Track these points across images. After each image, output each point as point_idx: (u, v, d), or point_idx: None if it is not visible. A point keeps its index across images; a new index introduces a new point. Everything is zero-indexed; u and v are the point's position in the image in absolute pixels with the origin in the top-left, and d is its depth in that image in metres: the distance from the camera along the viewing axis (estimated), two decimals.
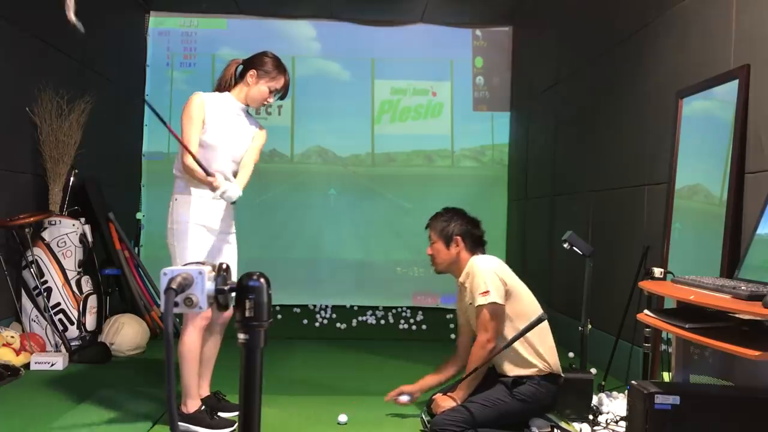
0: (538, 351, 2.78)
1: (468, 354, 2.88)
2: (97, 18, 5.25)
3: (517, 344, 2.75)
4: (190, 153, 2.79)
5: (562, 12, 5.25)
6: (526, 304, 2.86)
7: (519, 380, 2.76)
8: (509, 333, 2.78)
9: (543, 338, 2.81)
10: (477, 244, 2.98)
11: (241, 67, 3.09)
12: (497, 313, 2.74)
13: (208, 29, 6.47)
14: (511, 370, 2.80)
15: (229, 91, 3.06)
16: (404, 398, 3.03)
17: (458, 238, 2.93)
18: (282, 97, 3.15)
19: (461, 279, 2.94)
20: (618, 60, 4.14)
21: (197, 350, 2.91)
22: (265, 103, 3.08)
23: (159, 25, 6.44)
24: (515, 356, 2.78)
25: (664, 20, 3.55)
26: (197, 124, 2.94)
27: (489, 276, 2.78)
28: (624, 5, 4.11)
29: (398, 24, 6.52)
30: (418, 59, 6.56)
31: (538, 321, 2.68)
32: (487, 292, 2.74)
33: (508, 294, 2.80)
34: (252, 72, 3.01)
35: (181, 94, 6.36)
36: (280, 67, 3.06)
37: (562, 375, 2.88)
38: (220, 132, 2.96)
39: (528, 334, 2.74)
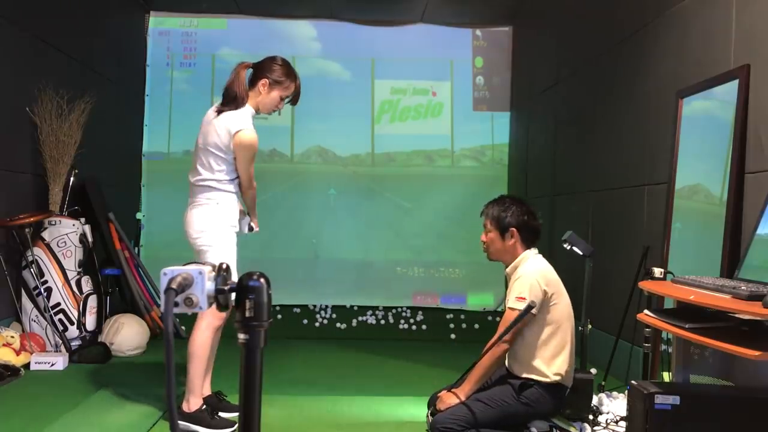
0: (554, 361, 2.74)
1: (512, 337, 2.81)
2: (97, 18, 5.25)
3: (533, 349, 2.73)
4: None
5: (562, 12, 5.25)
6: (562, 313, 2.78)
7: (527, 384, 2.74)
8: (533, 340, 2.73)
9: (562, 346, 2.75)
10: (532, 236, 2.88)
11: (250, 70, 3.08)
12: (523, 320, 2.70)
13: (208, 29, 6.47)
14: (522, 372, 2.77)
15: (246, 100, 3.04)
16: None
17: (514, 229, 2.83)
18: (293, 102, 3.18)
19: (508, 270, 2.88)
20: (618, 60, 4.14)
21: (207, 349, 2.92)
22: (276, 109, 3.11)
23: (159, 25, 6.44)
24: (529, 361, 2.75)
25: (664, 20, 3.55)
26: (254, 160, 3.07)
27: (532, 284, 2.70)
28: (624, 5, 4.11)
29: (398, 24, 6.52)
30: (418, 59, 6.56)
31: (528, 309, 2.66)
32: (523, 298, 2.68)
33: (547, 302, 2.73)
34: (264, 81, 3.03)
35: (181, 94, 6.37)
36: (291, 75, 3.09)
37: (569, 387, 2.84)
38: None
39: (549, 342, 2.71)
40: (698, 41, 3.21)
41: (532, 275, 2.73)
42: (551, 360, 2.73)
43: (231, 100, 3.01)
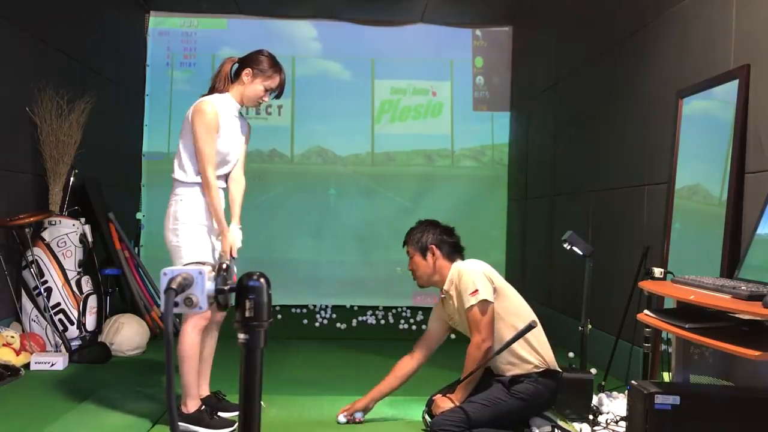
0: (534, 347, 2.79)
1: (423, 358, 3.00)
2: (97, 18, 5.26)
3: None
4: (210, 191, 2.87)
5: (562, 12, 5.25)
6: (515, 302, 2.87)
7: (517, 379, 2.76)
8: (503, 330, 2.78)
9: (536, 335, 2.80)
10: (454, 250, 2.98)
11: (236, 65, 3.08)
12: (488, 310, 2.74)
13: (208, 29, 6.47)
14: (508, 369, 2.79)
15: (226, 91, 3.04)
16: (358, 416, 3.02)
17: (433, 246, 2.94)
18: (277, 96, 3.14)
19: (445, 287, 2.93)
20: (618, 60, 4.13)
21: (197, 350, 2.91)
22: (260, 102, 3.08)
23: (159, 25, 6.44)
24: (511, 355, 2.78)
25: (664, 20, 3.55)
26: (214, 136, 2.89)
27: (476, 275, 2.79)
28: (624, 5, 4.11)
29: (398, 24, 6.52)
30: (418, 59, 6.57)
31: (528, 328, 2.68)
32: (476, 291, 2.74)
33: (496, 292, 2.80)
34: (247, 71, 3.00)
35: (182, 94, 6.37)
36: (275, 66, 3.05)
37: (560, 370, 2.88)
38: (227, 138, 2.98)
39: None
40: (698, 41, 3.21)
41: (472, 270, 2.82)
42: (529, 348, 2.78)
43: (212, 91, 3.03)
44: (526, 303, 2.93)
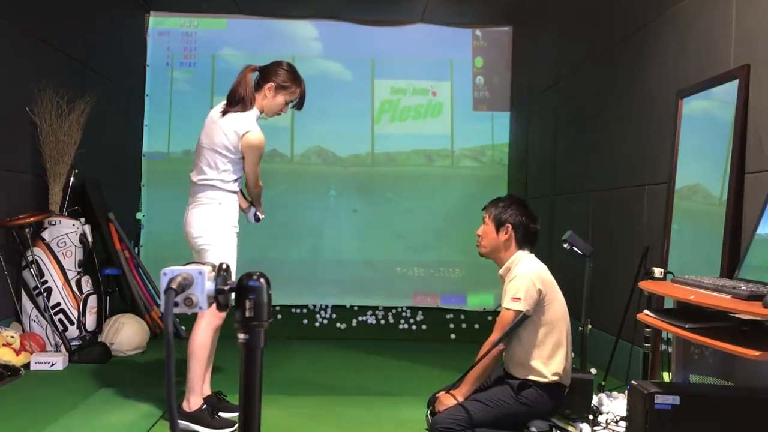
0: (552, 360, 2.74)
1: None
2: (97, 18, 5.26)
3: (530, 350, 2.73)
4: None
5: (562, 12, 5.25)
6: (555, 313, 2.79)
7: (525, 384, 2.74)
8: (529, 341, 2.74)
9: (558, 346, 2.75)
10: (527, 239, 2.88)
11: (257, 74, 3.09)
12: (516, 319, 2.70)
13: (208, 29, 6.47)
14: (520, 373, 2.77)
15: (253, 103, 3.06)
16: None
17: (509, 226, 2.85)
18: (298, 107, 3.21)
19: (501, 272, 2.88)
20: (618, 60, 4.14)
21: (207, 348, 2.93)
22: (281, 113, 3.13)
23: (159, 25, 6.44)
24: (526, 362, 2.75)
25: (664, 20, 3.55)
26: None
27: (528, 284, 2.70)
28: (624, 5, 4.10)
29: (398, 24, 6.52)
30: (418, 59, 6.57)
31: (523, 318, 2.66)
32: (518, 299, 2.68)
33: (542, 302, 2.73)
34: (270, 85, 3.06)
35: (182, 94, 6.37)
36: (297, 80, 3.13)
37: (567, 385, 2.84)
38: None
39: (546, 342, 2.71)
40: (698, 41, 3.21)
41: (528, 275, 2.73)
42: (548, 360, 2.74)
43: (237, 102, 3.03)
44: (566, 313, 2.84)
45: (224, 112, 3.02)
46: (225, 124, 2.98)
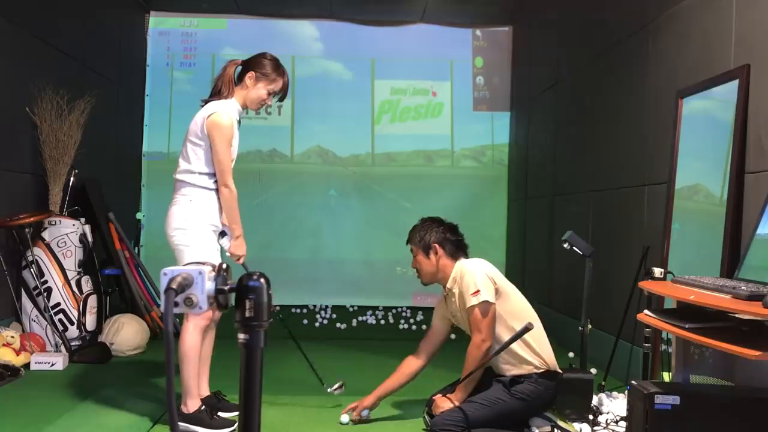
0: (534, 348, 2.78)
1: (428, 357, 3.00)
2: (97, 18, 5.26)
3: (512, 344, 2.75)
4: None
5: (562, 12, 5.25)
6: (516, 303, 2.86)
7: (517, 379, 2.76)
8: (501, 332, 2.77)
9: (536, 336, 2.80)
10: (457, 248, 2.97)
11: (239, 68, 3.08)
12: (489, 311, 2.74)
13: (208, 29, 6.48)
14: (509, 370, 2.80)
15: (231, 95, 3.03)
16: (365, 413, 3.02)
17: (436, 245, 2.94)
18: (281, 99, 3.16)
19: (449, 285, 2.93)
20: (618, 60, 4.13)
21: (197, 350, 2.91)
22: (263, 105, 3.10)
23: (159, 25, 6.44)
24: (511, 356, 2.78)
25: (664, 20, 3.55)
26: (230, 147, 2.94)
27: (479, 276, 2.78)
28: (624, 5, 4.10)
29: (398, 24, 6.53)
30: (418, 59, 6.57)
31: (525, 330, 2.67)
32: (477, 291, 2.74)
33: (497, 293, 2.79)
34: (251, 74, 3.01)
35: (182, 94, 6.37)
36: (278, 69, 3.06)
37: (560, 371, 2.87)
38: (235, 146, 3.01)
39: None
40: (698, 41, 3.21)
41: (474, 270, 2.81)
42: (529, 351, 2.77)
43: (216, 93, 3.02)
44: (528, 304, 2.93)
45: (204, 104, 3.01)
46: (199, 113, 2.96)
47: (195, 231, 2.93)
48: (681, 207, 3.23)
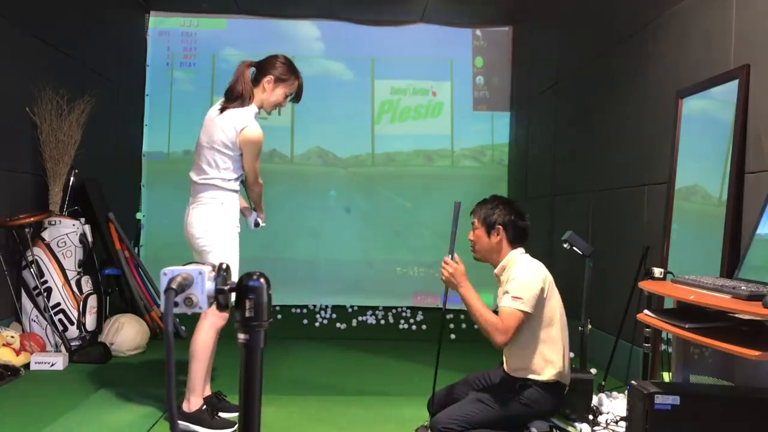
0: (550, 359, 2.72)
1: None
2: (97, 18, 5.25)
3: (528, 349, 2.71)
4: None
5: (562, 12, 5.25)
6: (553, 309, 2.76)
7: (526, 384, 2.73)
8: (528, 340, 2.73)
9: (555, 343, 2.73)
10: (519, 236, 2.90)
11: (254, 69, 3.08)
12: (519, 319, 2.68)
13: (208, 29, 6.48)
14: (520, 373, 2.76)
15: (252, 100, 3.05)
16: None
17: (500, 227, 2.87)
18: (295, 100, 3.20)
19: (496, 271, 2.88)
20: (618, 60, 4.14)
21: (209, 350, 2.92)
22: (279, 107, 3.14)
23: (159, 25, 6.44)
24: (527, 359, 2.73)
25: (664, 20, 3.55)
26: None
27: (530, 285, 2.69)
28: (624, 5, 4.11)
29: (398, 24, 6.53)
30: (418, 59, 6.57)
31: (457, 211, 2.75)
32: (519, 298, 2.67)
33: (541, 301, 2.72)
34: (269, 78, 3.05)
35: (182, 94, 6.37)
36: (294, 72, 3.12)
37: (567, 384, 2.83)
38: None
39: (544, 340, 2.70)
40: (698, 41, 3.21)
41: (528, 276, 2.73)
42: (547, 358, 2.73)
43: (235, 98, 3.03)
44: (563, 309, 2.83)
45: (222, 109, 3.02)
46: (223, 121, 2.97)
47: (224, 233, 2.99)
48: (681, 207, 3.23)
